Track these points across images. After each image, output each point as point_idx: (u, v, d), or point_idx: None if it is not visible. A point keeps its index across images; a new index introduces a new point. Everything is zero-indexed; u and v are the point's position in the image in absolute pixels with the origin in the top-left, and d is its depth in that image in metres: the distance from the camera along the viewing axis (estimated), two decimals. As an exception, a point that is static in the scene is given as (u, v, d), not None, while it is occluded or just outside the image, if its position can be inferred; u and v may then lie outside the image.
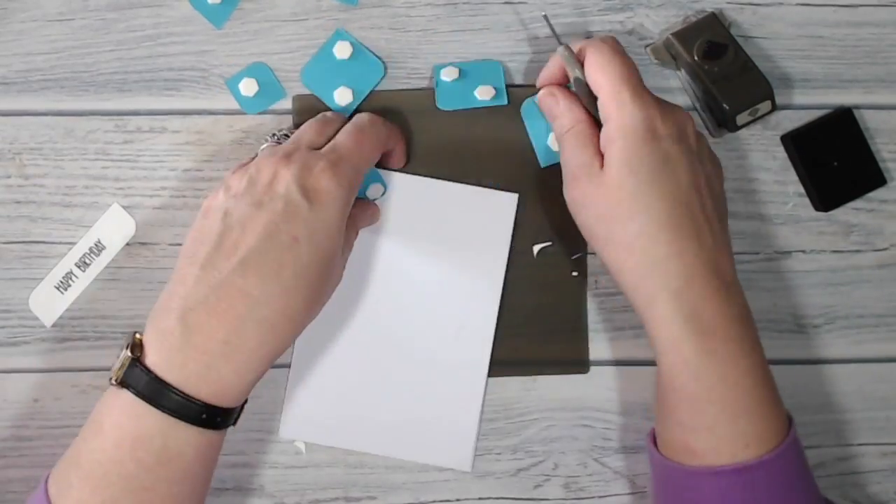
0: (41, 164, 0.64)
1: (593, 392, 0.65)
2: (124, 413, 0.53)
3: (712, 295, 0.55)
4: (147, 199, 0.64)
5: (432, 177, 0.64)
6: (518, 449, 0.64)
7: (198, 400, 0.53)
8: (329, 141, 0.59)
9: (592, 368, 0.64)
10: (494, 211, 0.63)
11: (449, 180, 0.64)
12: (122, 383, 0.53)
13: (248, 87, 0.64)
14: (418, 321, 0.63)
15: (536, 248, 0.64)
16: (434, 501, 0.64)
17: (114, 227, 0.63)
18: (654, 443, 0.59)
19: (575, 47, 0.60)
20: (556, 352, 0.64)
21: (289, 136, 0.61)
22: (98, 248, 0.63)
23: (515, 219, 0.63)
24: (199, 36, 0.64)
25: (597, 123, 0.59)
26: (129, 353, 0.53)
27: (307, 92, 0.64)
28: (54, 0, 0.64)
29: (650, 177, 0.56)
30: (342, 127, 0.60)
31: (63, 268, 0.63)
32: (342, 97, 0.63)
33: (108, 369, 0.62)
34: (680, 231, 0.55)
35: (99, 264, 0.63)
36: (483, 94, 0.63)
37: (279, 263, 0.54)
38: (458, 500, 0.64)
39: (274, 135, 0.62)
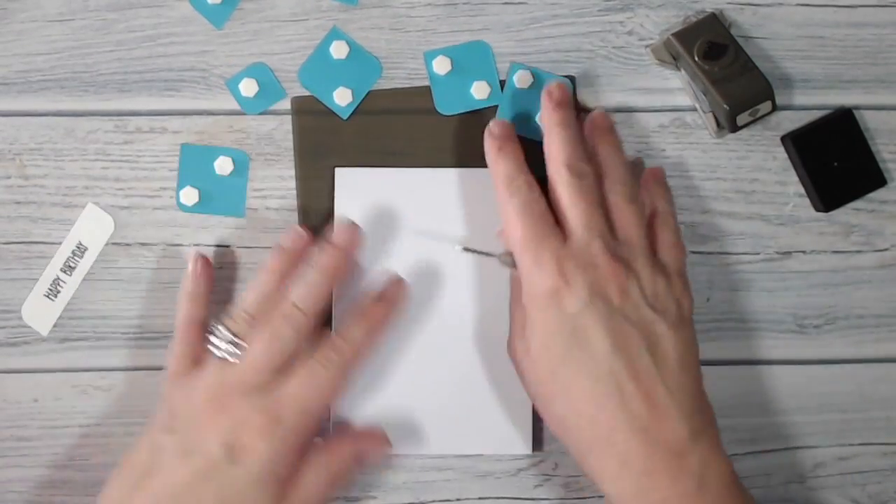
0: (41, 165, 0.64)
1: (593, 392, 0.65)
2: None
3: (658, 472, 0.51)
4: (147, 199, 0.64)
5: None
6: (518, 449, 0.64)
7: None
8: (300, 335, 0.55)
9: (592, 369, 0.64)
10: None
11: None
12: None
13: (248, 87, 0.64)
14: (451, 312, 0.62)
15: None
16: (434, 501, 0.64)
17: (92, 227, 0.63)
18: None
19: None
20: None
21: (236, 348, 0.56)
22: (80, 249, 0.63)
23: None
24: (199, 36, 0.64)
25: None
26: None
27: (307, 93, 0.64)
28: (54, 0, 0.64)
29: (563, 351, 0.53)
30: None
31: (49, 275, 0.63)
32: (342, 97, 0.63)
33: (108, 369, 0.63)
34: (604, 410, 0.52)
35: (84, 266, 0.63)
36: (479, 92, 0.64)
37: None
38: (458, 499, 0.64)
39: (217, 329, 0.57)
